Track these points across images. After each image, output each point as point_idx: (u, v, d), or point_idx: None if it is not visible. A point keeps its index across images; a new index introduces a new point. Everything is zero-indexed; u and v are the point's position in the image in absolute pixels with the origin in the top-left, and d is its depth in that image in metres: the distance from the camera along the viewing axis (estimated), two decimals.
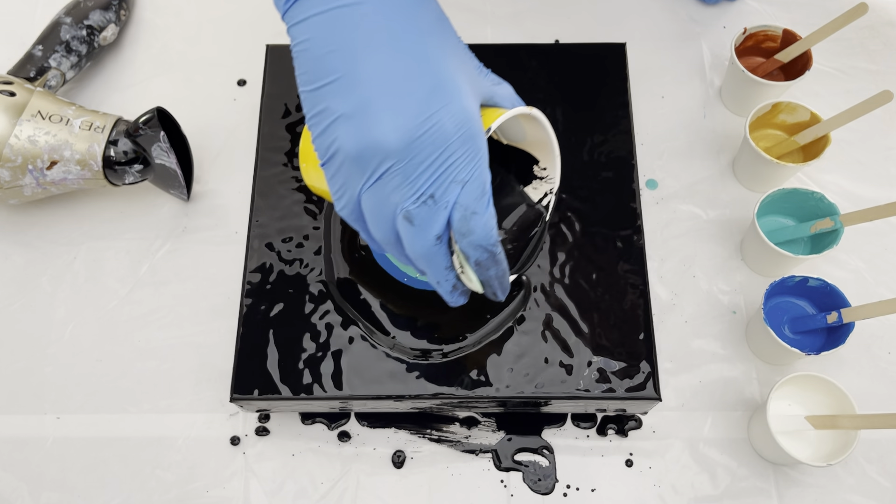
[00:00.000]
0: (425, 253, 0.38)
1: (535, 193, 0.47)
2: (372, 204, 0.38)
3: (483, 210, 0.37)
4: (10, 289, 0.62)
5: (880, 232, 0.62)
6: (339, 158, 0.37)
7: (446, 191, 0.36)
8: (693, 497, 0.55)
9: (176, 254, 0.63)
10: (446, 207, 0.37)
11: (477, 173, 0.37)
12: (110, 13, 0.68)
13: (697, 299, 0.60)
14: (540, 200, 0.47)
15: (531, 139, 0.46)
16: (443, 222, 0.37)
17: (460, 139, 0.36)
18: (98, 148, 0.58)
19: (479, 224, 0.37)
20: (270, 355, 0.51)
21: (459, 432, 0.57)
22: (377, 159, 0.36)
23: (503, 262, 0.40)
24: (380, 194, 0.37)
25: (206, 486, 0.56)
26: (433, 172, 0.36)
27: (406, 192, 0.36)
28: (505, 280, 0.41)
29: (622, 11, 0.72)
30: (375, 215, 0.38)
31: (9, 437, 0.57)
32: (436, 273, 0.40)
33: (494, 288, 0.42)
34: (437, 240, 0.38)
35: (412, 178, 0.36)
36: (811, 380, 0.52)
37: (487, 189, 0.37)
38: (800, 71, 0.62)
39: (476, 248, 0.38)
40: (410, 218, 0.37)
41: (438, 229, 0.37)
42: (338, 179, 0.38)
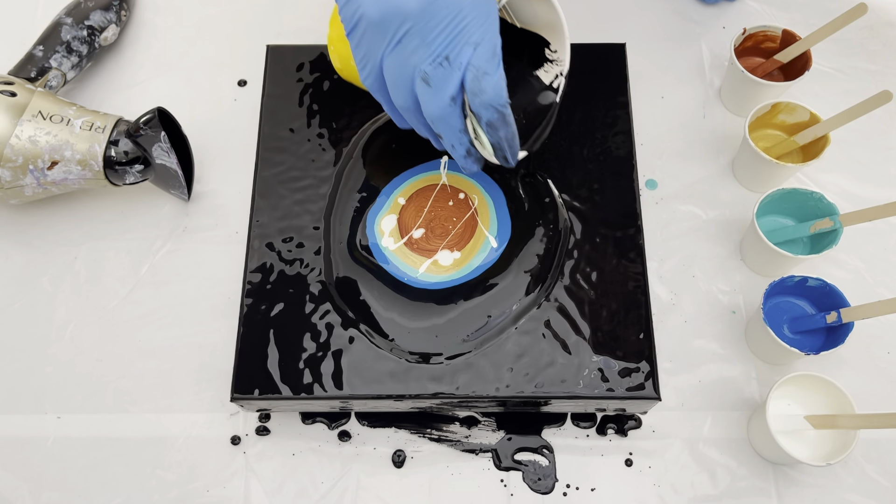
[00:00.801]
0: (441, 113, 0.42)
1: (547, 76, 0.50)
2: (393, 68, 0.42)
3: (494, 71, 0.41)
4: (10, 289, 0.62)
5: (880, 232, 0.62)
6: (362, 25, 0.41)
7: (460, 52, 0.40)
8: (693, 497, 0.55)
9: (176, 254, 0.63)
10: (460, 68, 0.41)
11: (488, 36, 0.40)
12: (111, 13, 0.68)
13: (697, 299, 0.60)
14: (551, 83, 0.50)
15: (542, 20, 0.49)
16: (457, 83, 0.41)
17: (472, 3, 0.40)
18: (99, 148, 0.58)
19: (490, 84, 0.41)
20: (271, 355, 0.51)
21: (459, 432, 0.57)
22: (397, 22, 0.40)
23: (512, 124, 0.44)
24: (400, 57, 0.41)
25: (207, 486, 0.56)
26: (448, 34, 0.40)
27: (423, 54, 0.40)
28: (514, 143, 0.45)
29: (622, 11, 0.72)
30: (396, 79, 0.42)
31: (9, 436, 0.57)
32: (450, 135, 0.44)
33: (504, 150, 0.45)
34: (451, 101, 0.42)
35: (429, 40, 0.40)
36: (810, 379, 0.52)
37: (498, 51, 0.41)
38: (799, 71, 0.62)
39: (487, 107, 0.42)
40: (427, 79, 0.41)
41: (453, 90, 0.41)
42: (362, 47, 0.42)
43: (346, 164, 0.57)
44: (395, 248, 0.54)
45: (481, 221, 0.55)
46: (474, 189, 0.56)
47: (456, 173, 0.57)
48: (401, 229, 0.55)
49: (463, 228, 0.55)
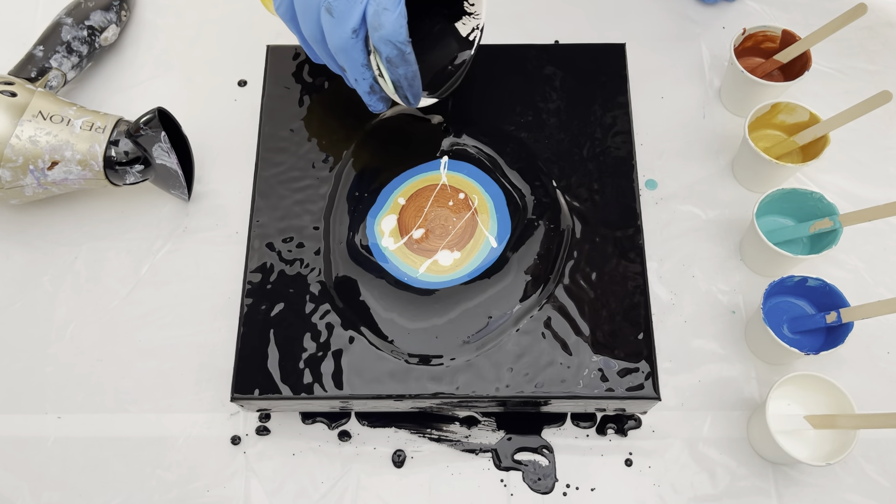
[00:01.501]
0: (343, 45, 0.44)
1: (464, 29, 0.53)
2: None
3: (393, 7, 0.42)
4: (11, 289, 0.62)
5: (879, 232, 0.62)
6: None
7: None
8: (692, 496, 0.55)
9: (177, 254, 0.63)
10: (362, 2, 0.42)
11: None
12: (111, 14, 0.68)
13: (697, 299, 0.60)
14: (468, 36, 0.53)
15: None
16: (358, 15, 0.42)
17: None
18: (99, 148, 0.58)
19: (390, 19, 0.42)
20: (271, 355, 0.52)
21: (459, 432, 0.57)
22: None
23: (412, 63, 0.45)
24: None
25: (207, 486, 0.56)
26: None
27: None
28: (415, 83, 0.46)
29: (622, 11, 0.72)
30: (304, 9, 0.44)
31: (10, 436, 0.57)
32: (353, 69, 0.45)
33: (405, 89, 0.47)
34: (353, 33, 0.43)
35: None
36: (810, 379, 0.52)
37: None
38: (799, 71, 0.62)
39: (386, 42, 0.43)
40: (331, 9, 0.42)
41: (354, 22, 0.43)
42: None
43: (345, 164, 0.57)
44: (395, 248, 0.54)
45: (481, 221, 0.55)
46: (474, 189, 0.56)
47: (456, 173, 0.57)
48: (401, 229, 0.55)
49: (463, 228, 0.55)
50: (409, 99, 0.48)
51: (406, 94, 0.47)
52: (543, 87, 0.60)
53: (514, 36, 0.71)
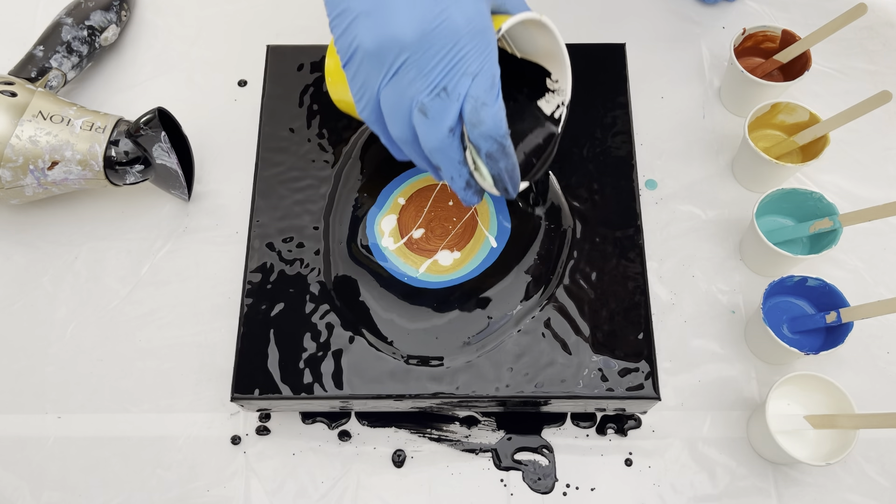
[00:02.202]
0: (439, 145, 0.41)
1: (548, 107, 0.50)
2: (390, 99, 0.41)
3: (493, 101, 0.40)
4: (11, 289, 0.62)
5: (879, 232, 0.62)
6: (358, 56, 0.40)
7: (458, 83, 0.39)
8: (692, 496, 0.55)
9: (177, 254, 0.63)
10: (458, 99, 0.39)
11: (487, 66, 0.39)
12: (111, 14, 0.68)
13: (697, 299, 0.60)
14: (552, 113, 0.50)
15: (542, 49, 0.48)
16: (455, 114, 0.40)
17: (470, 33, 0.39)
18: (99, 148, 0.58)
19: (489, 115, 0.40)
20: (271, 355, 0.52)
21: (459, 431, 0.57)
22: (394, 52, 0.39)
23: (512, 155, 0.43)
24: (397, 88, 0.40)
25: (207, 486, 0.56)
26: (446, 65, 0.39)
27: (421, 85, 0.39)
28: (515, 174, 0.44)
29: (622, 11, 0.72)
30: (393, 111, 0.41)
31: (10, 436, 0.57)
32: (449, 167, 0.43)
33: (505, 182, 0.44)
34: (450, 132, 0.40)
35: (426, 70, 0.39)
36: (810, 379, 0.52)
37: (497, 82, 0.40)
38: (799, 71, 0.62)
39: (486, 138, 0.41)
40: (425, 110, 0.40)
41: (451, 121, 0.40)
42: (359, 78, 0.41)
43: (345, 164, 0.57)
44: (395, 248, 0.55)
45: (481, 221, 0.55)
46: None
47: None
48: (401, 229, 0.55)
49: (463, 228, 0.55)
50: (510, 190, 0.45)
51: (507, 186, 0.45)
52: None
53: None
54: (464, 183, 0.44)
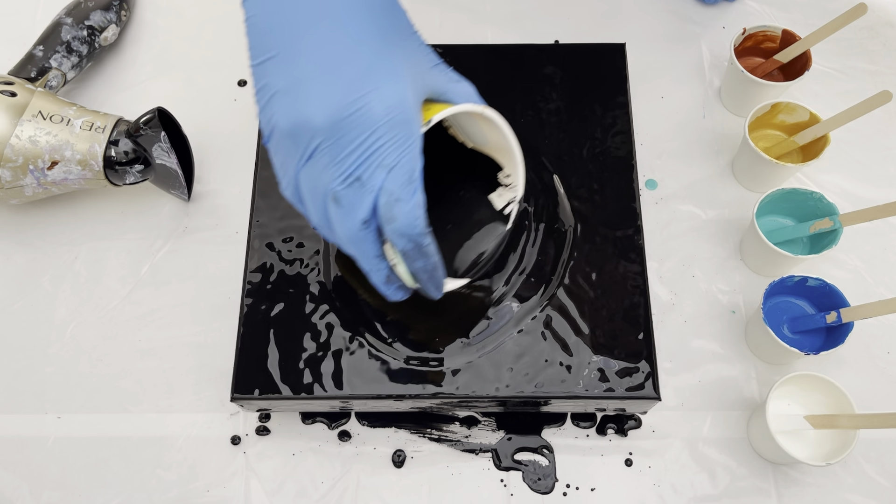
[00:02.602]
0: (352, 237, 0.39)
1: (499, 201, 0.47)
2: (307, 183, 0.38)
3: (408, 197, 0.37)
4: (11, 289, 0.62)
5: (879, 232, 0.62)
6: (276, 135, 0.38)
7: (373, 174, 0.37)
8: (692, 496, 0.55)
9: (177, 254, 0.63)
10: (372, 191, 0.37)
11: (405, 159, 0.37)
12: (111, 14, 0.68)
13: (697, 299, 0.60)
14: (503, 209, 0.47)
15: (493, 144, 0.45)
16: (369, 206, 0.37)
17: (388, 124, 0.36)
18: (99, 148, 0.58)
19: (403, 211, 0.37)
20: (271, 355, 0.52)
21: (459, 432, 0.57)
22: (307, 136, 0.37)
23: (433, 255, 0.40)
24: (312, 173, 0.38)
25: (207, 486, 0.56)
26: (360, 154, 0.36)
27: (334, 172, 0.37)
28: (436, 275, 0.41)
29: (622, 11, 0.72)
30: (310, 195, 0.39)
31: (10, 436, 0.57)
32: (365, 260, 0.40)
33: (423, 282, 0.42)
34: (363, 224, 0.38)
35: (339, 159, 0.37)
36: (810, 379, 0.52)
37: (415, 177, 0.37)
38: (799, 71, 0.62)
39: (400, 236, 0.38)
40: (338, 199, 0.37)
41: (364, 213, 0.37)
42: (279, 156, 0.39)
43: None
44: None
45: None
46: None
47: None
48: None
49: None
50: (431, 292, 0.43)
51: (427, 288, 0.42)
52: (543, 87, 0.60)
53: (513, 36, 0.71)
54: (383, 278, 0.41)
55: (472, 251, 0.47)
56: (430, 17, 0.72)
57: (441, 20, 0.72)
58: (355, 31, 0.37)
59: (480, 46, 0.62)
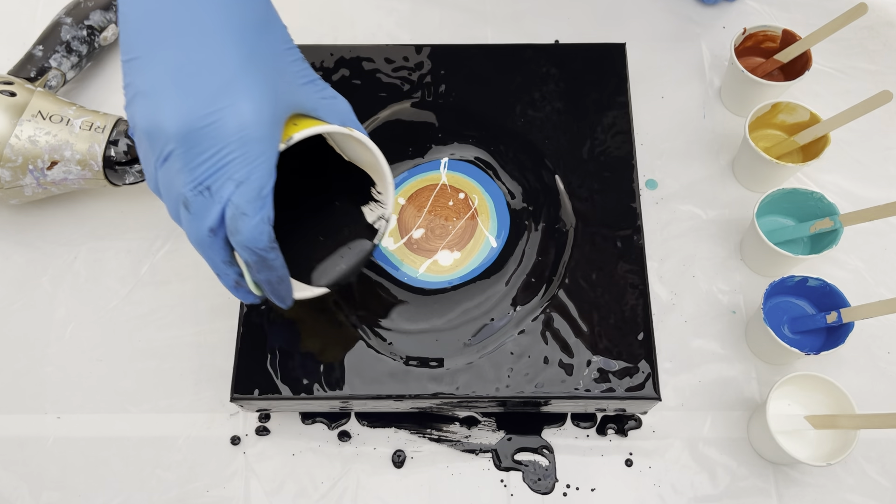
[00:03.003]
0: (200, 242, 0.40)
1: (371, 216, 0.48)
2: (163, 183, 0.39)
3: (253, 213, 0.38)
4: (10, 289, 0.62)
5: (880, 232, 0.62)
6: (137, 133, 0.39)
7: (221, 186, 0.37)
8: (693, 497, 0.55)
9: (176, 254, 0.63)
10: (220, 202, 0.38)
11: (253, 176, 0.37)
12: (111, 13, 0.68)
13: (697, 299, 0.60)
14: (373, 223, 0.47)
15: (365, 162, 0.46)
16: (216, 215, 0.38)
17: (239, 140, 0.37)
18: (98, 148, 0.58)
19: (248, 226, 0.38)
20: (271, 355, 0.51)
21: (459, 432, 0.57)
22: (161, 141, 0.38)
23: (278, 269, 0.41)
24: (167, 175, 0.39)
25: (207, 486, 0.56)
26: (211, 166, 0.37)
27: (186, 179, 0.38)
28: (281, 288, 0.42)
29: (622, 11, 0.72)
30: (166, 194, 0.40)
31: (9, 436, 0.57)
32: (213, 265, 0.42)
33: (267, 293, 0.43)
34: (210, 231, 0.39)
35: (191, 167, 0.37)
36: (811, 379, 0.52)
37: (264, 194, 0.38)
38: (799, 71, 0.62)
39: (244, 248, 0.39)
40: (187, 204, 0.38)
41: (212, 222, 0.38)
42: (140, 151, 0.40)
43: None
44: (394, 248, 0.54)
45: (481, 221, 0.55)
46: (474, 189, 0.56)
47: (456, 173, 0.57)
48: (401, 229, 0.55)
49: (463, 228, 0.55)
50: (276, 301, 0.43)
51: (271, 298, 0.43)
52: (543, 87, 0.60)
53: (513, 36, 0.71)
54: (232, 282, 0.43)
55: (334, 262, 0.47)
56: (430, 17, 0.72)
57: (441, 20, 0.72)
58: (219, 45, 0.37)
59: (480, 46, 0.62)
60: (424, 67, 0.61)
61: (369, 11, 0.73)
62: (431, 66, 0.61)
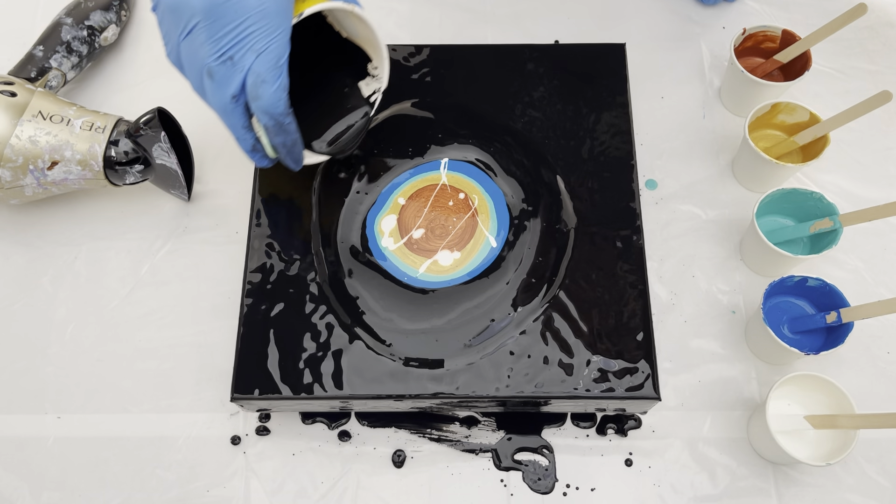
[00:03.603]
0: (223, 108, 0.44)
1: (367, 89, 0.53)
2: (186, 54, 0.44)
3: (273, 80, 0.42)
4: (11, 289, 0.62)
5: (879, 232, 0.62)
6: (161, 7, 0.43)
7: (243, 56, 0.42)
8: (692, 496, 0.55)
9: (177, 254, 0.63)
10: (242, 71, 0.42)
11: (273, 46, 0.42)
12: (111, 14, 0.68)
13: (697, 299, 0.60)
14: (369, 96, 0.53)
15: (363, 38, 0.51)
16: (238, 83, 0.43)
17: (260, 13, 0.41)
18: (99, 148, 0.58)
19: (267, 92, 0.43)
20: (271, 355, 0.52)
21: (459, 432, 0.57)
22: (187, 14, 0.42)
23: (292, 133, 0.46)
24: (191, 47, 0.43)
25: (207, 486, 0.56)
26: (234, 37, 0.42)
27: (210, 49, 0.42)
28: (295, 150, 0.48)
29: (622, 11, 0.72)
30: (189, 66, 0.44)
31: (10, 436, 0.57)
32: (234, 130, 0.46)
33: (283, 156, 0.48)
34: (233, 99, 0.43)
35: (215, 38, 0.42)
36: (810, 379, 0.52)
37: (280, 63, 0.42)
38: (799, 71, 0.62)
39: (263, 113, 0.44)
40: (212, 74, 0.43)
41: (234, 89, 0.43)
42: (163, 27, 0.44)
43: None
44: (395, 249, 0.54)
45: (481, 221, 0.55)
46: (474, 189, 0.56)
47: (456, 173, 0.57)
48: (401, 229, 0.55)
49: (463, 228, 0.55)
50: (289, 164, 0.49)
51: (285, 160, 0.49)
52: (543, 88, 0.60)
53: (513, 36, 0.71)
54: (248, 146, 0.47)
55: (335, 130, 0.52)
56: (430, 17, 0.72)
57: (441, 20, 0.72)
58: None
59: (480, 46, 0.62)
60: (424, 67, 0.61)
61: (369, 12, 0.73)
62: (431, 67, 0.61)
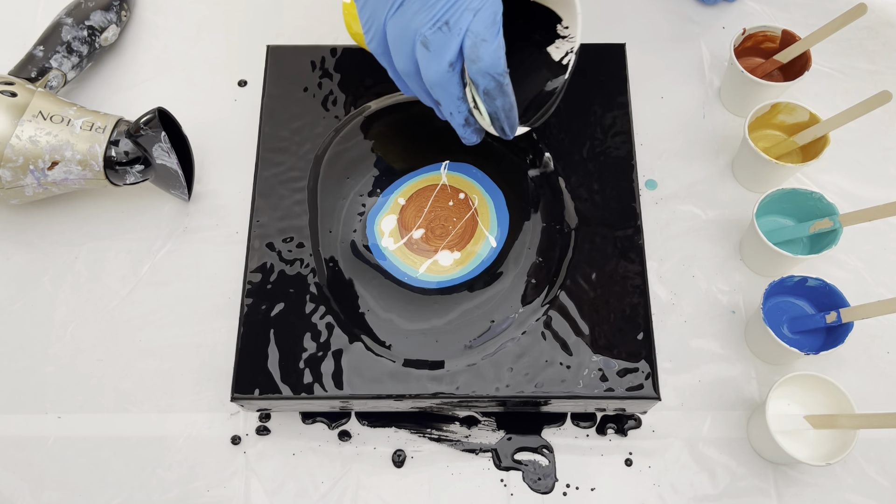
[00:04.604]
0: (439, 79, 0.43)
1: (557, 53, 0.50)
2: (395, 31, 0.43)
3: (492, 38, 0.41)
4: (11, 289, 0.62)
5: (879, 232, 0.62)
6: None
7: (460, 18, 0.41)
8: (692, 496, 0.55)
9: (177, 254, 0.63)
10: (459, 34, 0.41)
11: (489, 3, 0.41)
12: (111, 14, 0.68)
13: (697, 299, 0.60)
14: (561, 59, 0.50)
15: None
16: (455, 48, 0.41)
17: None
18: (99, 148, 0.58)
19: (488, 51, 0.41)
20: (271, 355, 0.52)
21: (459, 431, 0.57)
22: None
23: (510, 95, 0.44)
24: (402, 20, 0.42)
25: (207, 486, 0.56)
26: (447, 1, 0.41)
27: (424, 17, 0.41)
28: (512, 115, 0.45)
29: (622, 11, 0.72)
30: (398, 43, 0.43)
31: (10, 436, 0.57)
32: (448, 102, 0.44)
33: (501, 121, 0.46)
34: (450, 66, 0.42)
35: (430, 4, 0.41)
36: (810, 379, 0.52)
37: (498, 19, 0.41)
38: (799, 71, 0.62)
39: (484, 75, 0.42)
40: (427, 43, 0.41)
41: (451, 55, 0.42)
42: (367, 9, 0.43)
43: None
44: (395, 249, 0.55)
45: (481, 221, 0.55)
46: (474, 189, 0.56)
47: (456, 173, 0.57)
48: (401, 229, 0.55)
49: (463, 228, 0.55)
50: (506, 130, 0.47)
51: (503, 126, 0.46)
52: None
53: None
54: (462, 119, 0.46)
55: (535, 98, 0.50)
56: None
57: None
58: None
59: None
60: None
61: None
62: None
